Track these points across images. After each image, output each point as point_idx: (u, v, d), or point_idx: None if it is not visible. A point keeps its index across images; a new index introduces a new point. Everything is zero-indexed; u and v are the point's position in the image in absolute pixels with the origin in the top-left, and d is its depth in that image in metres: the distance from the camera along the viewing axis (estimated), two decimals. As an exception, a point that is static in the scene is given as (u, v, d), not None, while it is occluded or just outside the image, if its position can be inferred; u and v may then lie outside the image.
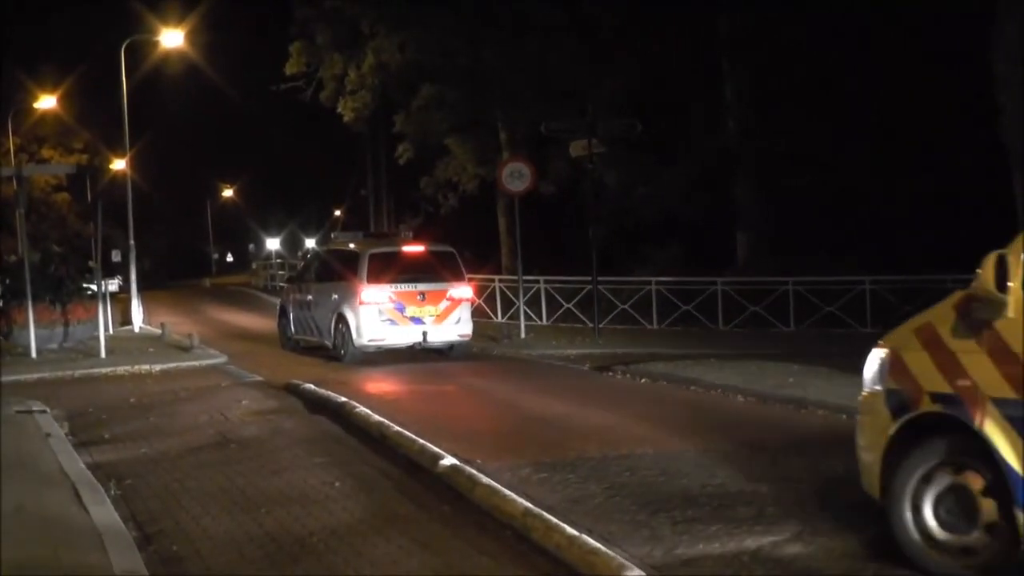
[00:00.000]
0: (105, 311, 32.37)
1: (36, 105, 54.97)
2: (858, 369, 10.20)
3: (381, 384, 23.29)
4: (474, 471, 12.80)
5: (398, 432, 15.39)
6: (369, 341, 26.89)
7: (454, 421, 17.83)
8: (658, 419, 17.26)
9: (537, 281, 36.85)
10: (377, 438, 15.71)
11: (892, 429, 9.62)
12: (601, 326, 32.67)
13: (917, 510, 9.37)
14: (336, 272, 28.80)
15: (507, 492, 11.61)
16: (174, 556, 10.46)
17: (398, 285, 26.93)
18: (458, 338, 27.74)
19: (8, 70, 55.51)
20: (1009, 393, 8.57)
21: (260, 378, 24.36)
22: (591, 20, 40.70)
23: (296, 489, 13.07)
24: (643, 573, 8.86)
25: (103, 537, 10.54)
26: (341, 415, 17.85)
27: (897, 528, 9.50)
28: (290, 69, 50.20)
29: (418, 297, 26.96)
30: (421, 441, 14.54)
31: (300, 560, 10.14)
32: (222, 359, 28.54)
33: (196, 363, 28.00)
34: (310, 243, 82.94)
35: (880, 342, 10.20)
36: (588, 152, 31.41)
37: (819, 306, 32.61)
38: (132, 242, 42.07)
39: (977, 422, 8.79)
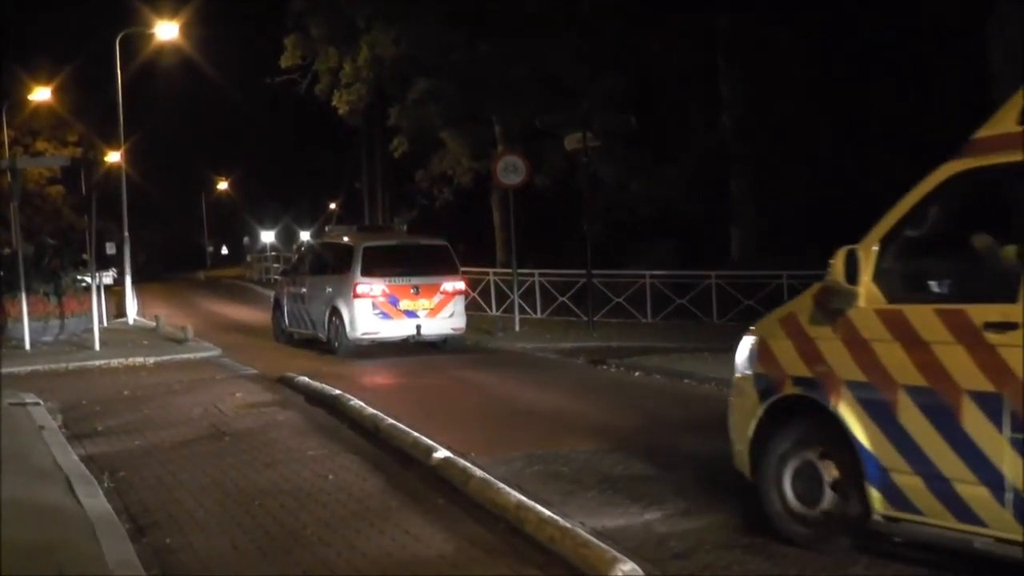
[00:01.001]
0: (99, 304, 32.36)
1: (31, 98, 54.90)
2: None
3: (375, 377, 23.31)
4: (468, 464, 12.80)
5: (392, 425, 15.38)
6: (363, 334, 27.07)
7: (448, 414, 17.85)
8: (652, 412, 17.29)
9: (532, 275, 36.84)
10: (371, 431, 15.71)
11: (759, 411, 10.46)
12: (595, 319, 32.66)
13: (780, 485, 10.18)
14: (330, 265, 28.99)
15: (500, 485, 11.60)
16: (167, 548, 10.46)
17: (392, 279, 27.10)
18: (451, 331, 27.96)
19: (2, 62, 55.51)
20: (860, 376, 9.43)
21: (254, 371, 24.37)
22: (588, 18, 40.66)
23: (290, 481, 13.07)
24: (635, 566, 8.86)
25: (96, 529, 10.54)
26: (335, 408, 17.84)
27: (766, 502, 10.33)
28: (285, 62, 50.15)
29: (412, 291, 27.16)
30: (415, 434, 14.53)
31: (293, 552, 10.14)
32: (216, 352, 28.54)
33: (190, 356, 28.00)
34: (305, 236, 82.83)
35: (751, 329, 11.17)
36: (583, 146, 31.42)
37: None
38: (126, 234, 42.02)
39: (833, 404, 9.64)
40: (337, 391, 18.86)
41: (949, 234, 9.33)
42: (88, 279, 33.01)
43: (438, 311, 27.44)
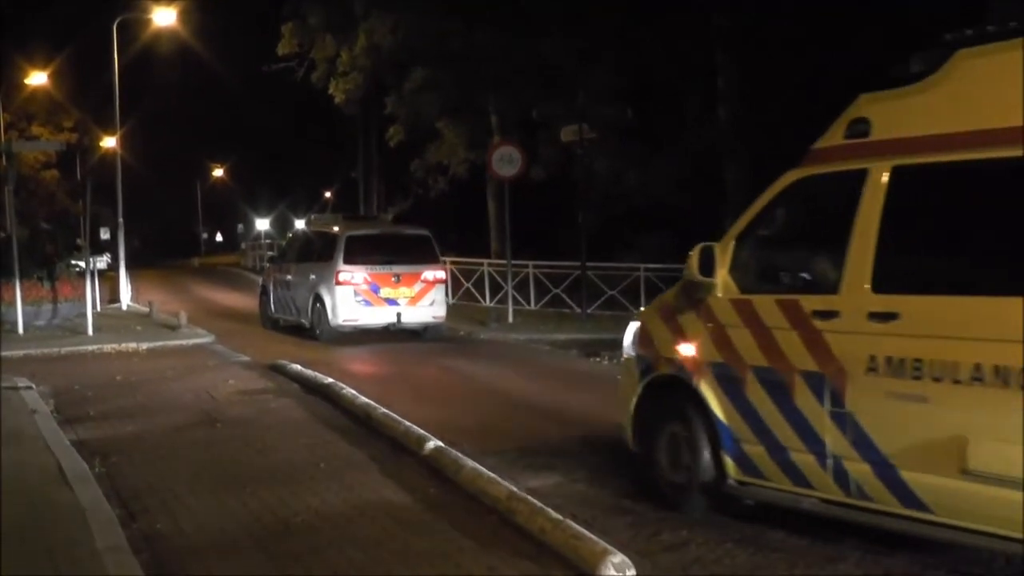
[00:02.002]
0: (93, 289, 32.31)
1: (27, 82, 54.78)
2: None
3: (367, 366, 23.33)
4: (459, 454, 12.80)
5: (384, 414, 15.37)
6: (344, 321, 27.60)
7: (440, 404, 17.85)
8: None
9: (526, 266, 36.81)
10: (363, 419, 15.71)
11: (639, 388, 11.83)
12: (589, 312, 32.68)
13: (656, 454, 11.55)
14: (315, 253, 29.48)
15: (492, 475, 11.60)
16: (157, 534, 10.45)
17: (374, 267, 27.62)
18: (432, 320, 28.37)
19: (-1, 46, 55.40)
20: (717, 358, 10.76)
21: (247, 358, 24.36)
22: (585, 10, 40.61)
23: (281, 469, 13.07)
24: (626, 558, 8.86)
25: (87, 514, 10.54)
26: (328, 396, 17.84)
27: (647, 470, 11.76)
28: (282, 49, 50.15)
29: (393, 279, 27.68)
30: (407, 423, 14.52)
31: (284, 540, 10.14)
32: (210, 338, 28.52)
33: (183, 342, 27.98)
34: (300, 224, 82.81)
35: (635, 315, 12.75)
36: (579, 138, 31.41)
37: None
38: (121, 220, 41.98)
39: (696, 382, 10.98)
40: (330, 379, 18.85)
41: (792, 232, 10.87)
42: (82, 264, 32.98)
43: (419, 299, 27.89)
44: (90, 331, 28.91)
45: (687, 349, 11.15)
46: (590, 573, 8.79)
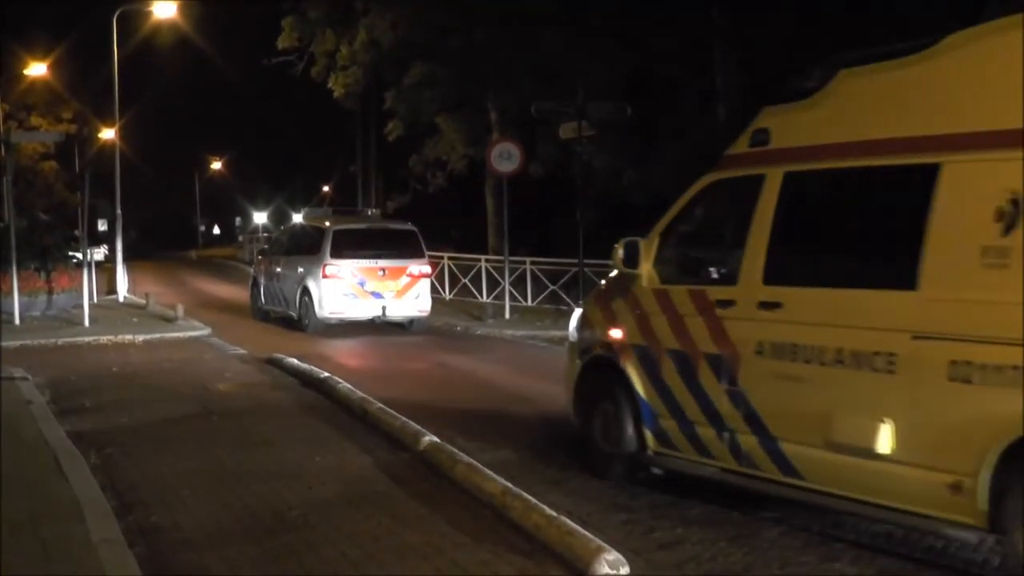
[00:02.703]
0: (90, 280, 32.29)
1: (26, 72, 54.71)
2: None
3: (364, 360, 23.35)
4: (455, 449, 12.81)
5: (380, 408, 15.38)
6: (330, 313, 28.30)
7: (435, 399, 17.85)
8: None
9: (523, 262, 36.78)
10: (359, 414, 15.71)
11: (579, 369, 13.14)
12: (586, 309, 32.64)
13: (592, 428, 12.77)
14: (303, 247, 30.26)
15: (487, 471, 11.61)
16: (152, 526, 10.45)
17: (360, 261, 28.36)
18: (416, 313, 29.13)
19: (-1, 37, 55.32)
20: (640, 341, 12.05)
21: (243, 351, 24.35)
22: (585, 6, 40.59)
23: (277, 463, 13.07)
24: (620, 556, 8.86)
25: (82, 505, 10.55)
26: (323, 390, 17.84)
27: (589, 443, 12.88)
28: (282, 43, 50.11)
29: (379, 273, 28.42)
30: (402, 418, 14.53)
31: (279, 534, 10.14)
32: (206, 331, 28.53)
33: (180, 334, 27.99)
34: (297, 218, 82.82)
35: (581, 302, 14.05)
36: (578, 135, 31.38)
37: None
38: (119, 212, 41.95)
39: (623, 362, 12.25)
40: (326, 373, 18.86)
41: (705, 229, 12.53)
42: (79, 255, 32.97)
43: (404, 293, 28.63)
44: (87, 322, 28.91)
45: (616, 333, 12.48)
46: (584, 570, 8.80)
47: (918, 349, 9.11)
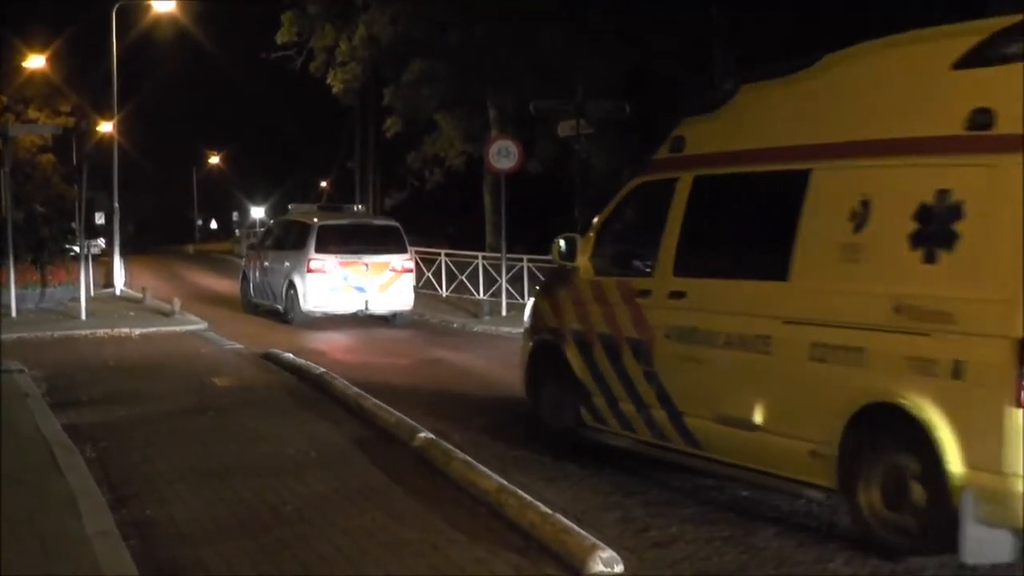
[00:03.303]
0: (87, 273, 32.26)
1: (24, 65, 54.61)
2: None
3: (359, 356, 23.35)
4: (450, 446, 12.82)
5: (375, 404, 15.39)
6: (315, 307, 28.98)
7: (431, 395, 17.86)
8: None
9: (520, 259, 36.75)
10: (354, 409, 15.72)
11: (530, 352, 14.54)
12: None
13: (540, 406, 14.27)
14: (290, 241, 30.91)
15: (482, 468, 11.62)
16: (147, 520, 10.47)
17: (344, 255, 28.98)
18: (399, 307, 29.77)
19: (-3, 29, 55.19)
20: (577, 326, 13.46)
21: (240, 345, 24.35)
22: (584, 4, 40.53)
23: (272, 458, 13.08)
24: (614, 554, 8.88)
25: (76, 498, 10.55)
26: (319, 385, 17.85)
27: (539, 420, 14.35)
28: (281, 38, 49.99)
29: (362, 267, 29.05)
30: (398, 414, 14.54)
31: (273, 529, 10.16)
32: (203, 325, 28.51)
33: (177, 328, 27.98)
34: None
35: (535, 291, 16.45)
36: (576, 133, 31.37)
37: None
38: (116, 205, 41.93)
39: (564, 346, 13.62)
40: (322, 369, 18.87)
41: (633, 227, 13.68)
42: (76, 248, 32.96)
43: (387, 287, 29.23)
44: (83, 316, 28.88)
45: (559, 320, 13.92)
46: (579, 568, 8.81)
47: (787, 333, 10.51)
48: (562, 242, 13.77)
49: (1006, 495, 8.68)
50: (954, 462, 8.96)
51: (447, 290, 37.25)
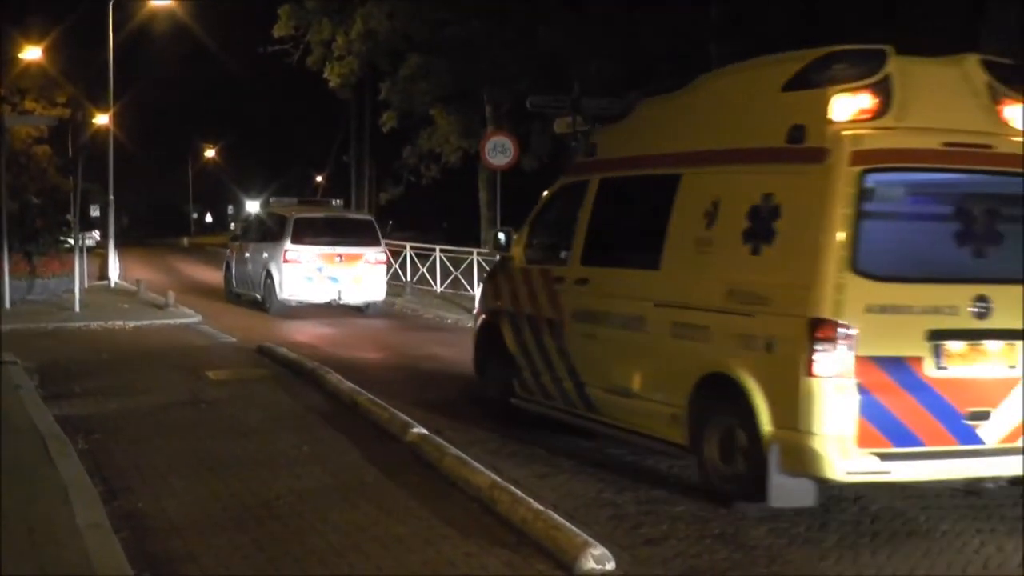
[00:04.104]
0: (81, 265, 32.24)
1: (21, 56, 54.47)
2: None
3: (354, 351, 23.33)
4: (443, 441, 12.82)
5: (369, 399, 15.40)
6: (290, 296, 30.32)
7: (425, 391, 17.83)
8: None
9: (516, 256, 36.74)
10: (348, 405, 15.73)
11: (476, 331, 16.61)
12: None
13: (485, 378, 16.13)
14: (268, 233, 32.33)
15: (475, 464, 11.62)
16: (138, 512, 10.47)
17: (319, 247, 30.36)
18: (371, 298, 31.17)
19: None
20: (510, 307, 15.33)
21: (234, 339, 24.35)
22: (580, 3, 40.54)
23: (264, 452, 13.09)
24: (606, 551, 8.88)
25: (68, 490, 10.54)
26: (313, 380, 17.83)
27: (486, 391, 16.03)
28: (278, 32, 49.95)
29: (336, 259, 30.42)
30: (391, 410, 14.54)
31: (265, 523, 10.15)
32: (197, 318, 28.50)
33: (170, 321, 27.96)
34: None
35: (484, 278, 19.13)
36: (572, 129, 31.34)
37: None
38: (112, 198, 41.90)
39: (500, 325, 15.43)
40: (315, 363, 18.87)
41: (556, 222, 15.20)
42: (71, 240, 32.93)
43: (359, 279, 30.64)
44: (77, 308, 28.88)
45: (498, 302, 15.81)
46: (570, 564, 8.82)
47: (656, 314, 12.29)
48: (500, 235, 15.77)
49: (803, 450, 10.25)
50: (765, 422, 10.60)
51: (441, 286, 37.21)
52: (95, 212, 43.19)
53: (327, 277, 30.19)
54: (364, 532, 9.87)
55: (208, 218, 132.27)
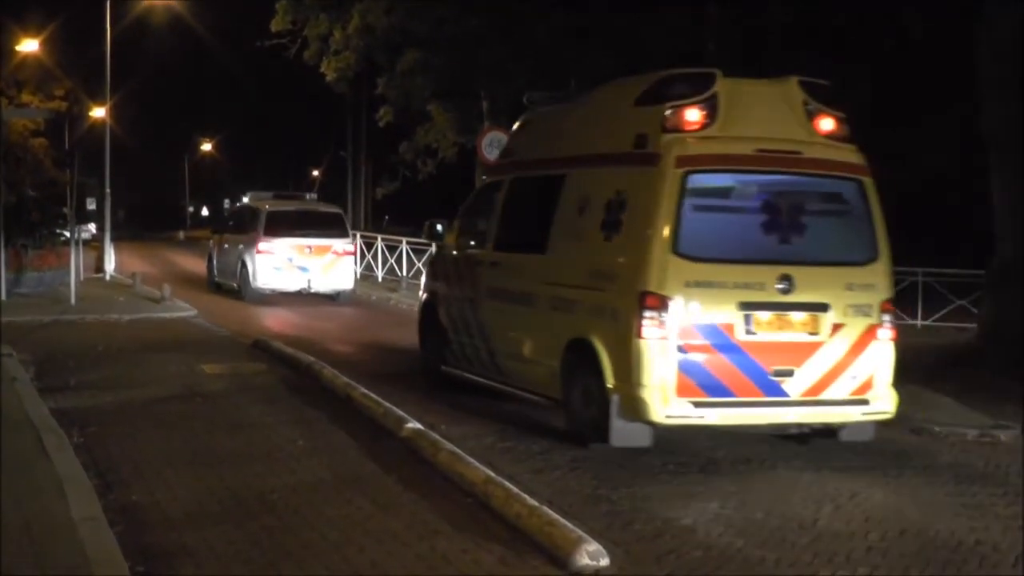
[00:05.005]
0: (77, 258, 32.20)
1: (18, 48, 54.40)
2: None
3: (348, 346, 23.33)
4: (438, 436, 12.84)
5: (364, 394, 15.41)
6: (263, 284, 32.21)
7: (420, 387, 17.82)
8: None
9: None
10: (343, 399, 15.75)
11: (419, 309, 19.08)
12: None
13: (426, 351, 18.38)
14: (244, 225, 34.26)
15: (470, 459, 11.64)
16: (133, 505, 10.49)
17: (290, 239, 32.26)
18: (340, 287, 33.16)
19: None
20: (444, 288, 17.71)
21: (228, 333, 24.35)
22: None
23: (259, 446, 13.11)
24: (600, 547, 8.90)
25: (63, 483, 10.55)
26: (308, 374, 17.87)
27: (427, 361, 18.31)
28: (275, 26, 49.75)
29: (306, 250, 32.35)
30: (386, 404, 14.55)
31: (259, 516, 10.17)
32: (192, 312, 28.49)
33: (166, 315, 27.95)
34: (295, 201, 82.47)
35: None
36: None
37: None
38: (108, 191, 41.86)
39: (436, 303, 17.84)
40: (311, 358, 18.89)
41: (482, 214, 17.13)
42: (67, 233, 32.92)
43: (328, 268, 32.60)
44: (73, 301, 28.85)
45: (435, 283, 18.34)
46: (565, 560, 8.83)
47: (542, 290, 14.56)
48: (438, 226, 18.17)
49: (634, 398, 12.55)
50: (609, 377, 12.91)
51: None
52: (91, 205, 43.24)
53: (297, 267, 32.12)
54: (359, 527, 9.89)
55: (204, 212, 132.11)
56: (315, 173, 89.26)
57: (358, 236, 42.70)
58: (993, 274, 22.01)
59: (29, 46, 53.68)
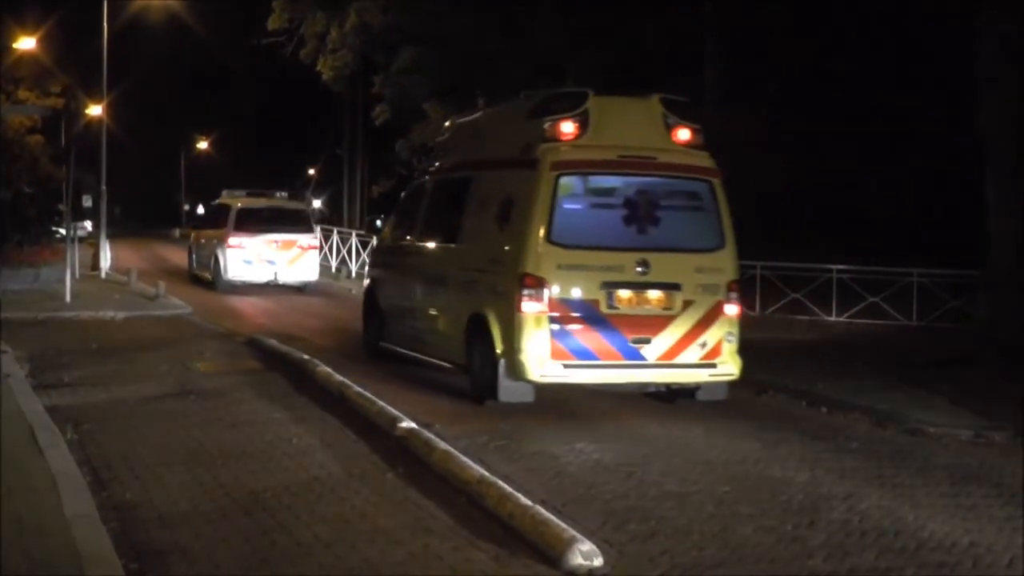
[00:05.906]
0: (72, 255, 32.19)
1: (15, 45, 54.37)
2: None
3: (343, 343, 23.31)
4: (431, 435, 12.84)
5: (358, 393, 15.42)
6: (233, 276, 34.48)
7: (415, 385, 17.81)
8: (619, 393, 17.29)
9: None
10: (337, 397, 15.74)
11: (363, 293, 21.88)
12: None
13: (367, 330, 20.98)
14: (217, 221, 36.78)
15: (463, 458, 11.64)
16: (127, 502, 10.48)
17: (257, 234, 34.52)
18: (305, 279, 35.74)
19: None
20: (381, 273, 20.75)
21: (223, 330, 24.34)
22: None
23: (253, 443, 13.10)
24: (594, 546, 8.89)
25: (57, 480, 10.55)
26: (303, 372, 17.87)
27: (367, 338, 20.89)
28: (272, 24, 49.83)
29: (273, 244, 34.66)
30: (380, 403, 14.57)
31: (253, 513, 10.17)
32: (187, 310, 28.49)
33: (161, 312, 27.94)
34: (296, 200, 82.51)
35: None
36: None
37: (785, 292, 32.19)
38: (104, 188, 41.86)
39: (376, 288, 20.65)
40: (305, 356, 18.89)
41: (412, 210, 19.80)
42: (62, 230, 32.91)
43: (294, 262, 35.01)
44: (68, 297, 28.82)
45: (375, 270, 21.78)
46: (557, 559, 8.83)
47: (454, 273, 16.98)
48: (377, 221, 22.46)
49: (516, 362, 14.91)
50: (498, 345, 15.24)
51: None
52: (87, 202, 43.23)
53: (265, 260, 34.43)
54: (351, 525, 9.89)
55: (200, 209, 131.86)
56: (311, 171, 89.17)
57: (335, 232, 45.73)
58: (988, 275, 22.08)
59: (26, 43, 53.65)
